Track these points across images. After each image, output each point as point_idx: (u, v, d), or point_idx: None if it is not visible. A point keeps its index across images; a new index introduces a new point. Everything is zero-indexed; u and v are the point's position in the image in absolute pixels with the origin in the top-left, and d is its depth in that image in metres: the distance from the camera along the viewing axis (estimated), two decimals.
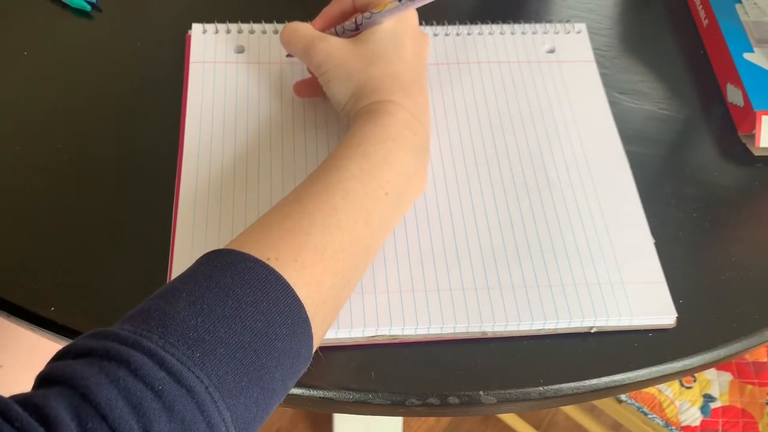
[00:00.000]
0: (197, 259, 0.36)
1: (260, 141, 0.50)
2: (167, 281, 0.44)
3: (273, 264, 0.34)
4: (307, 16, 0.56)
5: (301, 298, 0.34)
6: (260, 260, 0.34)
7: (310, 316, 0.35)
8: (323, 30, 0.50)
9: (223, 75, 0.53)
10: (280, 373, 0.33)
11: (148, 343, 0.30)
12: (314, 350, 0.37)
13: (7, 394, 0.62)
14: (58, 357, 0.31)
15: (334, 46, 0.46)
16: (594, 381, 0.43)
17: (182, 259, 0.44)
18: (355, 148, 0.41)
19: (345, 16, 0.50)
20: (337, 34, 0.49)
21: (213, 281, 0.33)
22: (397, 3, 0.45)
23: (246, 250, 0.35)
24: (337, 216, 0.38)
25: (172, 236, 0.45)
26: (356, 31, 0.47)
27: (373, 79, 0.45)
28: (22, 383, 0.59)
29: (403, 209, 0.44)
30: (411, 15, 0.47)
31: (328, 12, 0.50)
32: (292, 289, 0.34)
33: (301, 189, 0.40)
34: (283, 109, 0.52)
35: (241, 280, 0.33)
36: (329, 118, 0.51)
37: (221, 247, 0.36)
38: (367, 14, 0.46)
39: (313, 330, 0.35)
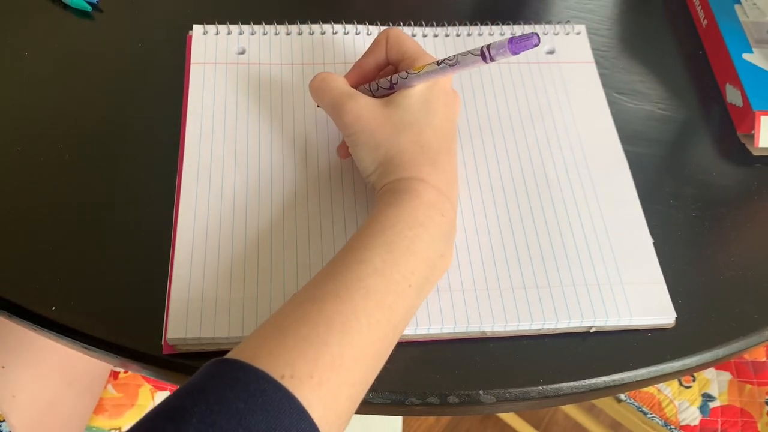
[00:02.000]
0: (208, 366, 0.34)
1: (261, 141, 0.50)
2: (167, 282, 0.44)
3: (287, 383, 0.33)
4: (308, 15, 0.56)
5: (316, 421, 0.33)
6: (274, 380, 0.32)
7: None
8: (356, 84, 0.48)
9: (224, 76, 0.53)
10: None
11: None
12: None
13: (7, 393, 0.62)
14: None
15: (363, 108, 0.44)
16: (593, 380, 0.43)
17: (182, 259, 0.44)
18: (378, 236, 0.39)
19: (380, 68, 0.48)
20: (370, 91, 0.47)
21: (225, 406, 0.31)
22: (435, 66, 0.43)
23: (259, 363, 0.33)
24: (356, 319, 0.36)
25: (173, 237, 0.45)
26: (390, 90, 0.45)
27: (402, 152, 0.42)
28: (23, 383, 0.59)
29: (426, 295, 0.42)
30: (444, 76, 0.45)
31: (362, 64, 0.48)
32: (307, 413, 0.32)
33: (319, 285, 0.37)
34: (284, 110, 0.52)
35: (254, 405, 0.31)
36: (329, 117, 0.51)
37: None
38: (403, 74, 0.44)
39: None
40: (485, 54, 0.40)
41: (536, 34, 0.38)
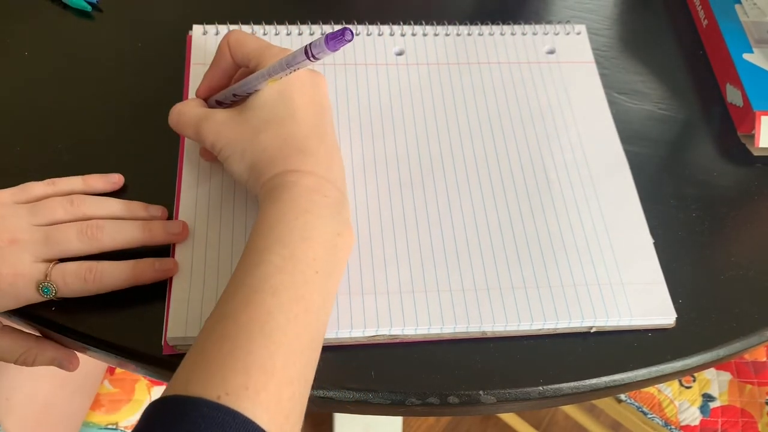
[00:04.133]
0: (146, 410, 0.33)
1: None
2: (167, 282, 0.44)
3: (225, 401, 0.32)
4: (307, 16, 0.56)
5: (264, 427, 0.32)
6: (212, 402, 0.32)
7: None
8: (209, 94, 0.48)
9: None
10: None
11: None
12: None
13: (1, 396, 0.62)
14: None
15: (219, 123, 0.43)
16: (593, 381, 0.43)
17: (183, 258, 0.44)
18: (269, 235, 0.38)
19: (229, 74, 0.47)
20: (224, 102, 0.47)
21: None
22: (264, 72, 0.42)
23: (192, 392, 0.33)
24: (273, 319, 0.35)
25: None
26: (239, 98, 0.45)
27: (267, 149, 0.42)
28: (17, 385, 0.59)
29: (339, 274, 0.41)
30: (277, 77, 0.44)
31: (210, 76, 0.48)
32: (254, 423, 0.32)
33: (227, 300, 0.37)
34: None
35: None
36: None
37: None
38: (245, 91, 0.44)
39: None
40: (308, 52, 0.39)
41: (348, 28, 0.37)
